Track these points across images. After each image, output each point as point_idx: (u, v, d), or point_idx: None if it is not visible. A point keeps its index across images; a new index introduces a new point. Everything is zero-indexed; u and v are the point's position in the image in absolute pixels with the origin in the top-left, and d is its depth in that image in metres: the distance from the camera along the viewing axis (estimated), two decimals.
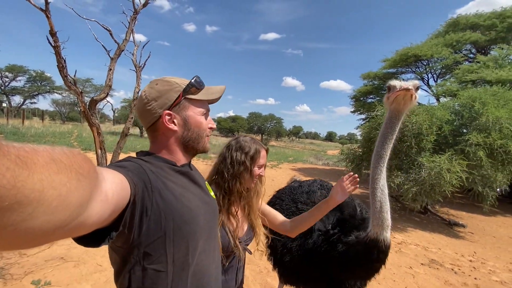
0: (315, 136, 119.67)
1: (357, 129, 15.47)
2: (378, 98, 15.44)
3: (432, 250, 4.79)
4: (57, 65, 4.84)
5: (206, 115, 0.91)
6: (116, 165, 0.71)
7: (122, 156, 8.25)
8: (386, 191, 1.23)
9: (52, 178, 0.32)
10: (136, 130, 27.13)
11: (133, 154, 0.91)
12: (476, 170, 5.98)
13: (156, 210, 0.71)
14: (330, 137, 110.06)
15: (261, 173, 1.25)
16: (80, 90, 5.33)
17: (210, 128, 0.92)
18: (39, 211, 0.31)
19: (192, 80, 0.87)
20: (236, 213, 1.23)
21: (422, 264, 4.08)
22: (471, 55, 13.79)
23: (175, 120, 0.85)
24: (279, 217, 1.36)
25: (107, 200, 0.50)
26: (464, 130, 6.91)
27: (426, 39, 14.73)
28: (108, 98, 6.49)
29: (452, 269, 3.99)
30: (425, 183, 5.84)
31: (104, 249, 3.04)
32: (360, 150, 9.04)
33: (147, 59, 7.47)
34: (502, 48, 10.74)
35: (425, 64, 14.00)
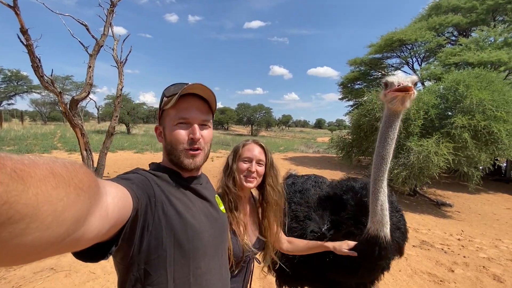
0: (304, 124, 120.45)
1: (345, 115, 15.66)
2: (365, 84, 15.57)
3: (422, 232, 4.95)
4: (32, 65, 4.57)
5: (186, 124, 0.81)
6: (122, 178, 0.69)
7: (109, 156, 8.04)
8: (387, 190, 1.20)
9: (49, 192, 0.32)
10: (123, 127, 26.45)
11: (122, 153, 0.86)
12: (461, 152, 6.17)
13: (158, 225, 0.69)
14: (319, 124, 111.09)
15: (250, 168, 1.17)
16: (59, 89, 5.07)
17: (191, 138, 0.80)
18: (32, 227, 0.30)
19: (164, 90, 0.84)
20: (247, 220, 1.22)
21: (413, 246, 4.20)
22: (453, 38, 14.01)
23: (161, 133, 0.87)
24: (282, 235, 1.36)
25: (107, 215, 0.48)
26: (449, 113, 7.07)
27: (410, 23, 14.82)
28: (91, 96, 6.23)
29: (442, 249, 4.14)
30: (414, 166, 5.99)
31: None
32: (350, 137, 9.15)
33: (128, 54, 7.19)
34: (483, 30, 10.94)
35: (410, 48, 14.13)
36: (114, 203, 0.52)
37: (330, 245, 1.28)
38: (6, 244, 0.29)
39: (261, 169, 1.20)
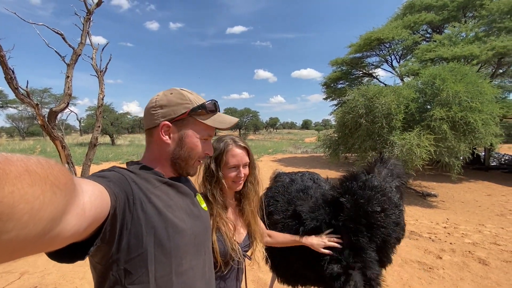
0: (291, 125, 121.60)
1: (330, 114, 15.90)
2: (347, 83, 15.95)
3: (410, 222, 5.07)
4: (5, 77, 4.38)
5: (207, 140, 0.88)
6: (98, 175, 0.67)
7: (93, 168, 7.81)
8: None
9: (25, 190, 0.31)
10: (107, 139, 25.76)
11: (107, 165, 0.83)
12: (442, 143, 6.41)
13: (137, 223, 0.67)
14: (306, 125, 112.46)
15: (238, 174, 1.14)
16: (36, 102, 4.88)
17: (206, 154, 0.89)
18: (8, 226, 0.30)
19: (206, 103, 0.85)
20: (234, 219, 1.19)
21: None
22: (428, 35, 14.59)
23: (171, 134, 0.83)
24: (263, 227, 1.37)
25: (84, 214, 0.47)
26: (428, 106, 7.34)
27: (386, 23, 15.33)
28: (72, 108, 6.04)
29: (430, 238, 4.26)
30: (399, 160, 6.15)
31: (83, 270, 2.82)
32: (336, 135, 9.30)
33: (108, 63, 7.04)
34: (454, 26, 11.48)
35: (388, 46, 14.59)
36: (91, 201, 0.50)
37: (308, 241, 1.33)
38: None
39: (247, 170, 1.18)
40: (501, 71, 12.25)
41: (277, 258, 1.58)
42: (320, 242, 1.33)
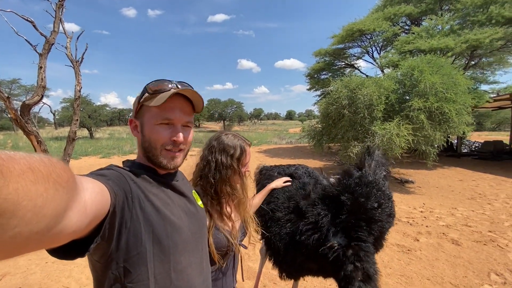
0: (276, 116, 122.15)
1: (314, 105, 16.14)
2: (330, 74, 16.16)
3: None
4: None
5: (169, 125, 0.79)
6: (97, 174, 0.67)
7: (72, 163, 7.48)
8: None
9: (29, 188, 0.31)
10: (85, 132, 24.66)
11: (86, 160, 0.82)
12: (419, 132, 6.71)
13: (136, 222, 0.68)
14: (290, 116, 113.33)
15: (246, 169, 1.21)
16: (7, 94, 4.56)
17: (174, 140, 0.79)
18: (12, 223, 0.30)
19: (148, 85, 0.80)
20: (230, 214, 1.20)
21: None
22: (407, 27, 15.00)
23: (137, 128, 0.83)
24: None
25: (85, 210, 0.47)
26: (407, 97, 7.63)
27: (368, 14, 15.56)
28: (45, 100, 5.69)
29: (408, 222, 4.53)
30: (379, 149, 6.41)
31: (68, 268, 2.75)
32: (320, 126, 9.47)
33: (84, 52, 6.67)
34: (431, 19, 11.87)
35: (369, 38, 14.87)
36: (92, 198, 0.51)
37: (270, 186, 1.70)
38: None
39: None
40: (473, 62, 12.90)
41: (281, 255, 1.61)
42: (278, 182, 1.73)
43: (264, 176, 2.08)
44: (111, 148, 15.09)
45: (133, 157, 0.97)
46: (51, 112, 33.47)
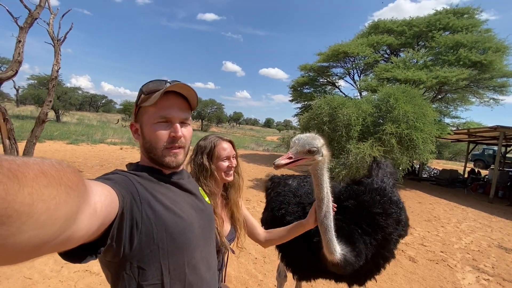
0: (254, 122, 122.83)
1: (294, 117, 16.56)
2: (313, 89, 16.77)
3: None
4: None
5: (167, 123, 0.81)
6: (104, 178, 0.69)
7: (37, 146, 6.97)
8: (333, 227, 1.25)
9: (42, 191, 0.32)
10: (51, 114, 22.91)
11: (51, 144, 0.84)
12: (389, 154, 7.22)
13: (147, 222, 0.70)
14: (268, 123, 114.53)
15: (230, 165, 1.25)
16: None
17: (173, 137, 0.81)
18: (27, 226, 0.31)
19: (143, 86, 0.83)
20: (222, 213, 1.25)
21: None
22: (387, 56, 16.12)
23: (138, 131, 0.85)
24: (257, 226, 1.41)
25: (95, 213, 0.49)
26: (381, 121, 8.18)
27: (353, 38, 16.49)
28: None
29: None
30: (352, 166, 6.79)
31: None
32: None
33: (68, 32, 6.36)
34: (408, 52, 12.92)
35: (352, 60, 15.75)
36: (102, 201, 0.53)
37: (304, 221, 1.28)
38: (3, 242, 0.29)
39: (235, 161, 1.31)
40: (440, 97, 14.18)
41: (292, 257, 1.63)
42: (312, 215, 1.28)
43: (277, 184, 2.02)
44: (79, 135, 14.18)
45: (104, 146, 0.99)
46: (14, 87, 30.66)
